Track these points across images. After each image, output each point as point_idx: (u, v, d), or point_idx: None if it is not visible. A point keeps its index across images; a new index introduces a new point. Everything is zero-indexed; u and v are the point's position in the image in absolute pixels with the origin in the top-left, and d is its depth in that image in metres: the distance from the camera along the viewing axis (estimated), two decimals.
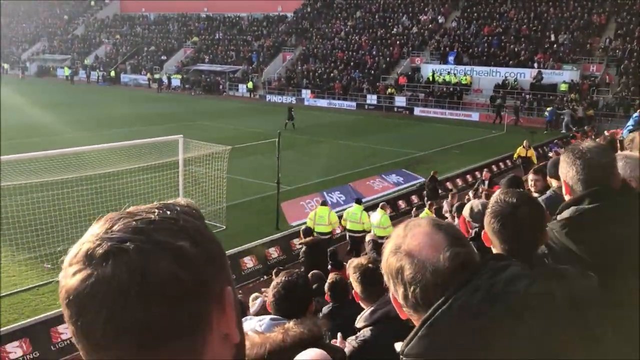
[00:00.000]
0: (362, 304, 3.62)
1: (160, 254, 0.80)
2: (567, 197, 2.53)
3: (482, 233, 2.21)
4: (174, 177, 16.01)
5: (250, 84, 53.82)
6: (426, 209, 14.54)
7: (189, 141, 16.21)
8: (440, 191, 18.59)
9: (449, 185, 20.44)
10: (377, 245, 7.87)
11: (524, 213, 2.10)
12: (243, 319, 3.04)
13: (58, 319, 9.08)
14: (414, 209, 16.04)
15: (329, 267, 8.66)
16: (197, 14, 69.68)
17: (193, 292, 0.81)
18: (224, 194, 16.11)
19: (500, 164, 24.06)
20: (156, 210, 0.88)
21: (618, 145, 5.39)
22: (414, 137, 32.40)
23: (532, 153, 22.27)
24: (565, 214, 2.48)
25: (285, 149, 22.13)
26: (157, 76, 59.72)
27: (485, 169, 20.98)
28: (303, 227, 11.10)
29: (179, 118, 35.76)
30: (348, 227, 14.23)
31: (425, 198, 17.35)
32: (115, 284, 0.77)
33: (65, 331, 8.84)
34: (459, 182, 21.45)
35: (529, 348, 1.33)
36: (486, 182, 17.31)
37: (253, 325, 2.98)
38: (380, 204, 14.92)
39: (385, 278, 1.49)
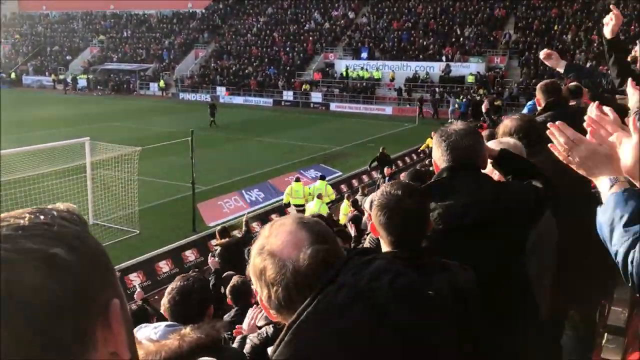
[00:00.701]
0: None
1: (29, 263, 0.70)
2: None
3: (370, 224, 2.20)
4: (82, 182, 15.28)
5: (161, 83, 52.39)
6: (346, 201, 14.79)
7: (96, 144, 15.53)
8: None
9: (354, 182, 20.71)
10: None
11: (409, 205, 2.10)
12: (137, 328, 2.88)
13: None
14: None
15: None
16: (103, 12, 66.98)
17: (69, 306, 0.71)
18: (136, 197, 15.53)
19: (406, 158, 24.44)
20: (27, 215, 0.76)
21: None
22: (331, 132, 32.68)
23: None
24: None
25: (201, 148, 21.71)
26: (62, 77, 56.92)
27: (386, 167, 20.36)
28: (219, 227, 10.84)
29: (87, 120, 34.23)
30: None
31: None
32: None
33: None
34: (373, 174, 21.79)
35: (393, 342, 1.34)
36: (386, 179, 17.45)
37: (148, 333, 2.83)
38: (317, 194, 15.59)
39: (252, 280, 1.47)
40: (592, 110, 2.04)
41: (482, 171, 2.71)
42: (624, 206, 1.50)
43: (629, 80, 3.00)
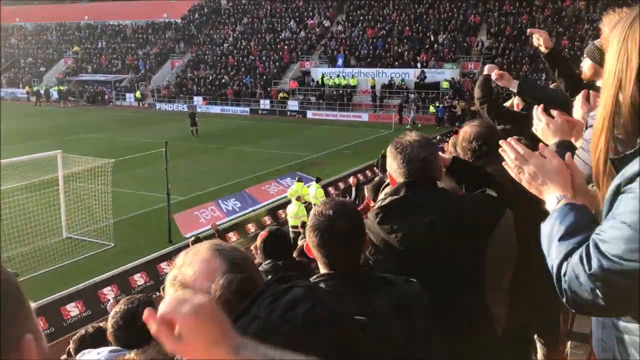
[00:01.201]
0: None
1: None
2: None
3: (305, 245, 2.16)
4: (54, 196, 15.12)
5: (138, 93, 52.03)
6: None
7: (68, 156, 15.39)
8: None
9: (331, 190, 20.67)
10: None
11: (341, 225, 2.04)
12: (80, 353, 2.83)
13: None
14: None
15: None
16: (77, 23, 66.38)
17: None
18: (110, 209, 15.41)
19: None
20: None
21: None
22: (308, 140, 32.75)
23: None
24: (380, 203, 2.65)
25: (177, 158, 21.64)
26: (36, 88, 56.21)
27: (352, 176, 20.10)
28: (192, 238, 10.81)
29: (62, 132, 33.86)
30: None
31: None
32: None
33: None
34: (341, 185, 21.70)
35: None
36: (353, 190, 17.24)
37: (91, 358, 2.79)
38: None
39: None
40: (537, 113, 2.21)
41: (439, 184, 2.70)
42: (563, 219, 1.49)
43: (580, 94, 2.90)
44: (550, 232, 1.52)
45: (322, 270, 2.09)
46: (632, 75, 1.38)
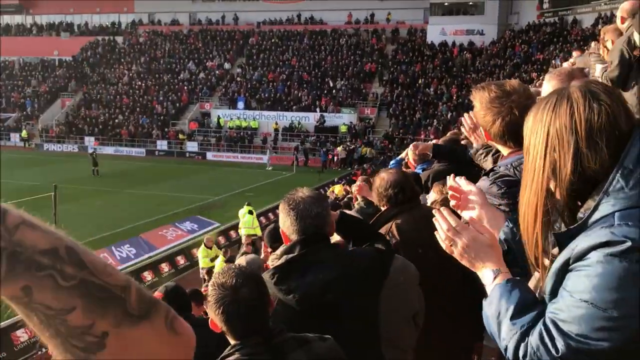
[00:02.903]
0: None
1: None
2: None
3: (210, 321, 2.06)
4: None
5: (24, 133, 48.99)
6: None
7: None
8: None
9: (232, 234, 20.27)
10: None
11: (245, 294, 1.98)
12: None
13: None
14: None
15: None
16: None
17: None
18: None
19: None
20: None
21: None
22: (208, 182, 32.15)
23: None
24: (275, 263, 2.65)
25: (66, 202, 20.37)
26: None
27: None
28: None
29: None
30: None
31: None
32: None
33: None
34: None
35: None
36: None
37: None
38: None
39: None
40: (451, 181, 2.09)
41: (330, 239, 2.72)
42: (509, 297, 1.45)
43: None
44: (496, 311, 1.47)
45: (232, 341, 2.02)
46: (567, 157, 1.38)
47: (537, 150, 1.46)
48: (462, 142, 5.53)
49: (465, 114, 3.18)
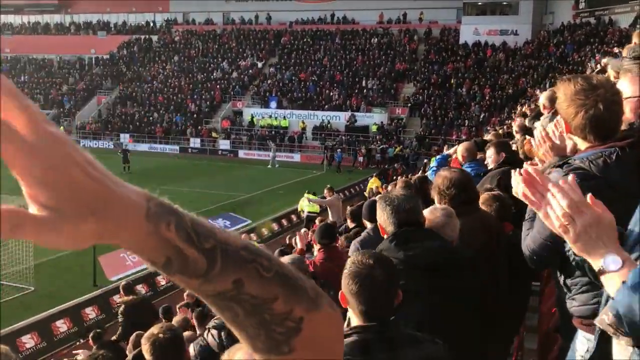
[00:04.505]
0: None
1: None
2: (385, 237, 2.96)
3: (340, 294, 2.22)
4: None
5: (61, 129, 49.36)
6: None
7: None
8: None
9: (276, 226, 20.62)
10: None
11: (379, 275, 2.14)
12: None
13: None
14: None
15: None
16: None
17: None
18: (31, 250, 14.60)
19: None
20: None
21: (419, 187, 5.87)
22: (239, 179, 32.53)
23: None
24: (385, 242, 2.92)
25: None
26: None
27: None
28: (123, 282, 10.36)
29: None
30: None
31: None
32: None
33: None
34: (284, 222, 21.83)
35: None
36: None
37: None
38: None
39: None
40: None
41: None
42: None
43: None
44: (630, 302, 1.36)
45: (356, 320, 2.16)
46: None
47: None
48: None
49: (545, 128, 3.05)
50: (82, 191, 0.65)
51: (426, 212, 3.09)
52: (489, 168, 5.27)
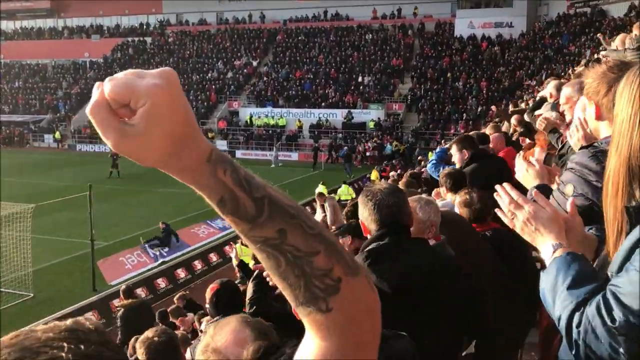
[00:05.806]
0: None
1: None
2: (368, 236, 2.79)
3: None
4: None
5: (57, 134, 50.05)
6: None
7: None
8: None
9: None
10: None
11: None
12: None
13: None
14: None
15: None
16: None
17: None
18: (29, 257, 14.48)
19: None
20: (65, 345, 0.72)
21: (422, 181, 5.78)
22: None
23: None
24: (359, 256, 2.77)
25: (100, 202, 20.71)
26: None
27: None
28: (123, 286, 10.26)
29: None
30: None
31: None
32: None
33: None
34: None
35: None
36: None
37: None
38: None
39: None
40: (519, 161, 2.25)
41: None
42: (567, 269, 1.45)
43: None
44: (554, 282, 1.47)
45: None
46: None
47: (622, 112, 1.47)
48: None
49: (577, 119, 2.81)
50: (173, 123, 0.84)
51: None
52: (457, 168, 5.19)
